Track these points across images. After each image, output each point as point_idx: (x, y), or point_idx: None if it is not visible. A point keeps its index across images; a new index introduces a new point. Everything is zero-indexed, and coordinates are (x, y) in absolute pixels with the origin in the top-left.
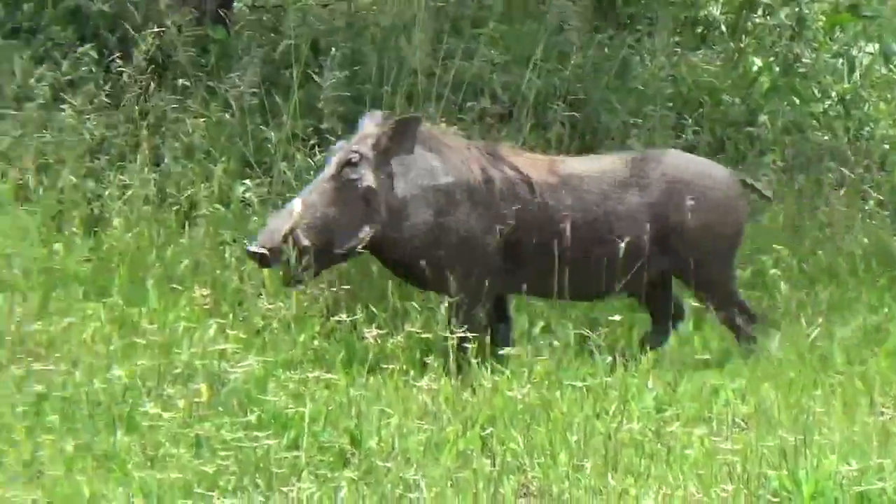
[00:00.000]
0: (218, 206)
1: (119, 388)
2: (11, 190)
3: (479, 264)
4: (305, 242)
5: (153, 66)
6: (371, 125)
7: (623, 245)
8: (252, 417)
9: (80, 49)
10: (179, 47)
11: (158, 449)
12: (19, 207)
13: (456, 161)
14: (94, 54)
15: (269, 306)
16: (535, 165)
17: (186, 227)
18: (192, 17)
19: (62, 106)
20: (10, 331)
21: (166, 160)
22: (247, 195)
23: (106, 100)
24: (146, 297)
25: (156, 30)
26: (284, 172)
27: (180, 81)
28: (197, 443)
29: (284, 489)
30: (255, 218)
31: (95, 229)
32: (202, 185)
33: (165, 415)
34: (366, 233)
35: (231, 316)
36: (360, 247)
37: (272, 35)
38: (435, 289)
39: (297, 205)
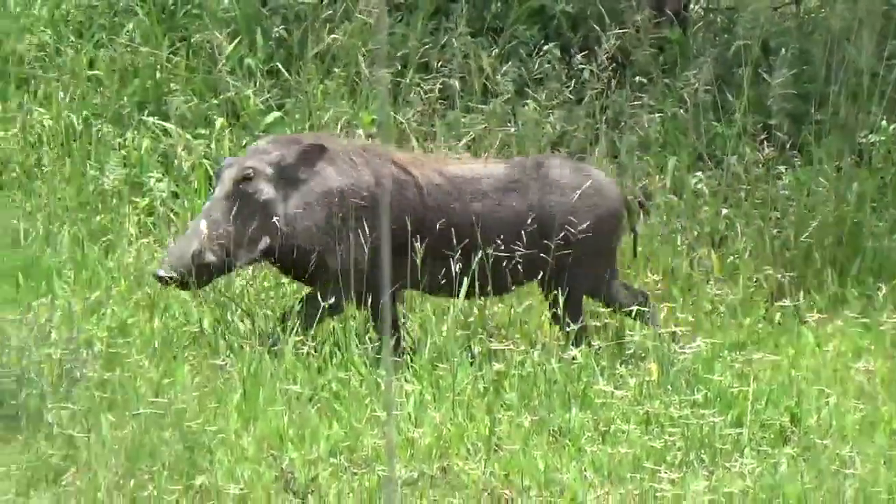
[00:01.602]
0: (671, 195)
1: (575, 367)
2: None
3: (375, 263)
4: (212, 259)
5: (614, 64)
6: (263, 143)
7: (503, 246)
8: (699, 396)
9: (545, 47)
10: (643, 46)
11: (610, 425)
12: None
13: (346, 166)
14: (557, 52)
15: (717, 292)
16: (422, 166)
17: (640, 215)
18: (651, 19)
19: (526, 101)
20: (472, 313)
21: (624, 153)
22: (699, 186)
23: (569, 95)
24: None
25: (617, 31)
26: (734, 165)
27: (638, 79)
28: (646, 419)
29: (727, 464)
30: (706, 208)
31: None
32: (657, 176)
33: (618, 393)
34: (265, 244)
35: (681, 300)
36: (257, 257)
37: (725, 36)
38: (331, 286)
39: (202, 225)
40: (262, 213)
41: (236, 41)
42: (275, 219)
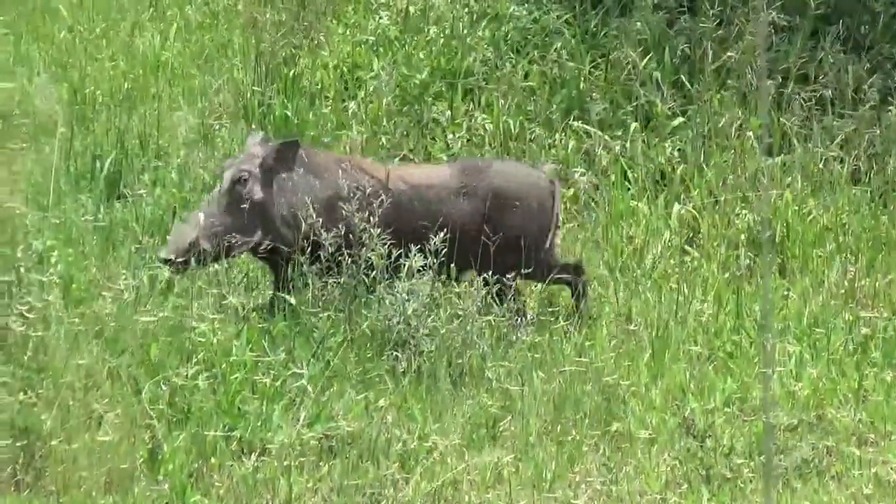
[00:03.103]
0: None
1: None
2: (847, 173)
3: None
4: (206, 247)
5: None
6: (255, 145)
7: (458, 237)
8: None
9: None
10: None
11: None
12: (853, 187)
13: (330, 176)
14: None
15: None
16: (389, 175)
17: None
18: None
19: (889, 108)
20: (843, 284)
21: None
22: None
23: None
24: None
25: None
26: None
27: None
28: None
29: None
30: None
31: None
32: None
33: None
34: (257, 237)
35: None
36: (248, 249)
37: None
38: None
39: (200, 217)
40: (253, 212)
41: (647, 58)
42: (264, 217)
